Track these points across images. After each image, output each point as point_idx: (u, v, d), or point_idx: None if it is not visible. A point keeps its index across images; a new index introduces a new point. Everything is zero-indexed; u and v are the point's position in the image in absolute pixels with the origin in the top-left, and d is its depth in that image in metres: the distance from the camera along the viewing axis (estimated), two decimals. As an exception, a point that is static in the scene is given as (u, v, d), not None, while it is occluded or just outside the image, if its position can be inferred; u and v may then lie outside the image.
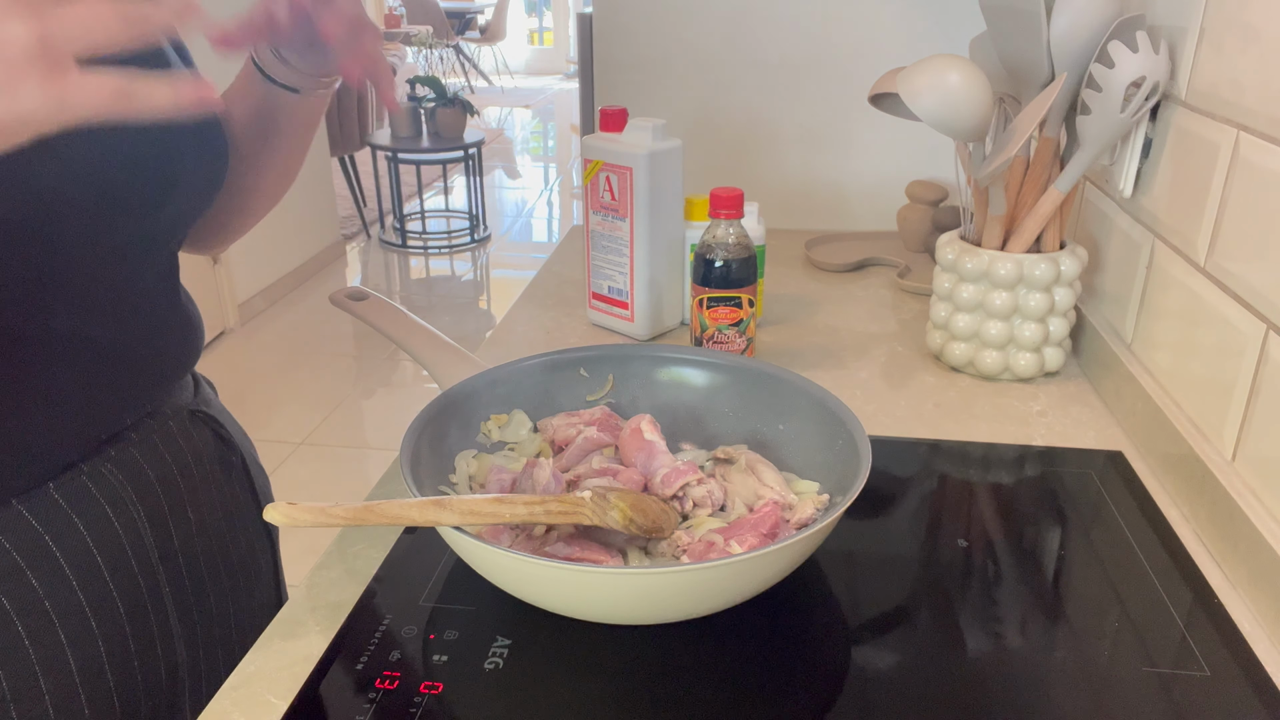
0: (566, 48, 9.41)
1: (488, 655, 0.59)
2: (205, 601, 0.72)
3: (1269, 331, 0.68)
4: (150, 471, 0.67)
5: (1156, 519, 0.74)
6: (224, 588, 0.75)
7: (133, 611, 0.65)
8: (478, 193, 4.56)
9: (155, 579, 0.67)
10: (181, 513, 0.70)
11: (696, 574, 0.56)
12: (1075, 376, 1.00)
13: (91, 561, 0.62)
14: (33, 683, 0.59)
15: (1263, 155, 0.70)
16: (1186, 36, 0.83)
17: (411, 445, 0.66)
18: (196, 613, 0.71)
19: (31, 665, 0.59)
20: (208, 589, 0.73)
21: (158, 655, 0.67)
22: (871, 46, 1.41)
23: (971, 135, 0.88)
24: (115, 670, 0.64)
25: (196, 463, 0.72)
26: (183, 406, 0.73)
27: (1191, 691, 0.57)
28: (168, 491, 0.68)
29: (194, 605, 0.71)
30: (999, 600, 0.65)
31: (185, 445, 0.71)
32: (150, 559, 0.66)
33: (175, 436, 0.70)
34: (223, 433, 0.77)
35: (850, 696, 0.57)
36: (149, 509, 0.66)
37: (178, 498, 0.69)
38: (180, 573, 0.70)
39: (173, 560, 0.69)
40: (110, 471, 0.64)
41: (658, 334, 1.09)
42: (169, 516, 0.68)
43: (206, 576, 0.73)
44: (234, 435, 0.79)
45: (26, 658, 0.59)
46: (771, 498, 0.69)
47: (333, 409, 2.97)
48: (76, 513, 0.62)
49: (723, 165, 1.51)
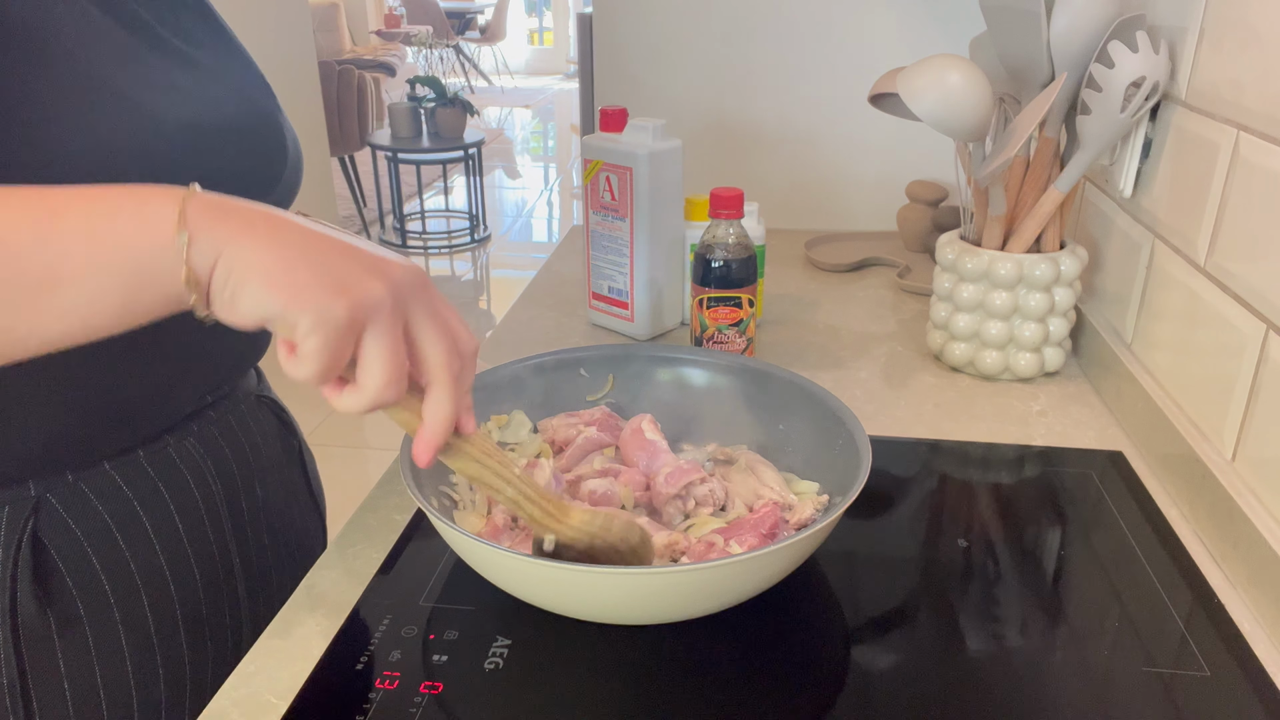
0: (566, 48, 9.41)
1: (488, 655, 0.59)
2: (268, 576, 0.76)
3: (1269, 331, 0.68)
4: (226, 448, 0.71)
5: (1156, 519, 0.74)
6: (284, 563, 0.78)
7: (207, 579, 0.69)
8: (478, 193, 4.56)
9: (228, 550, 0.70)
10: (251, 489, 0.73)
11: (696, 574, 0.56)
12: (1075, 376, 1.00)
13: (173, 528, 0.66)
14: (115, 643, 0.62)
15: (1263, 155, 0.70)
16: (1186, 36, 0.83)
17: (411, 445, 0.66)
18: (260, 585, 0.74)
19: (115, 624, 0.62)
20: (270, 564, 0.76)
21: (226, 624, 0.70)
22: (871, 46, 1.41)
23: (971, 135, 0.88)
24: (188, 634, 0.67)
25: (264, 443, 0.76)
26: (250, 391, 0.77)
27: (1191, 691, 0.57)
28: (240, 468, 0.72)
29: (258, 578, 0.74)
30: (999, 600, 0.65)
31: (255, 427, 0.75)
32: (224, 530, 0.70)
33: (246, 418, 0.74)
34: (285, 417, 0.82)
35: (850, 696, 0.57)
36: (224, 483, 0.70)
37: (248, 475, 0.73)
38: (249, 546, 0.73)
39: (243, 533, 0.72)
40: (193, 445, 0.68)
41: (658, 334, 1.09)
42: (241, 492, 0.72)
43: (270, 552, 0.76)
44: (293, 421, 0.84)
45: (111, 617, 0.62)
46: (771, 498, 0.69)
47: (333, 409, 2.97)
48: (163, 481, 0.65)
49: (723, 165, 1.51)
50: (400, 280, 0.44)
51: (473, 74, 8.72)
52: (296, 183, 0.71)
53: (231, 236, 0.41)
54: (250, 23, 3.08)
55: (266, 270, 0.41)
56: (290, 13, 3.36)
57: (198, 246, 0.40)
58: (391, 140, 4.31)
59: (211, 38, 0.66)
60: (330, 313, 0.41)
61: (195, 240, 0.40)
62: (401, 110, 4.29)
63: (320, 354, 0.42)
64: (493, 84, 8.89)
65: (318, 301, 0.41)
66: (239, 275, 0.41)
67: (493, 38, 8.68)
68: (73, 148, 0.52)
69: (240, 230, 0.41)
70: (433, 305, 0.46)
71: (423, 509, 0.60)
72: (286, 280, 0.41)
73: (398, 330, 0.44)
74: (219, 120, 0.61)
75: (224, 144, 0.61)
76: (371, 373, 0.44)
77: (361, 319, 0.42)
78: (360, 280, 0.42)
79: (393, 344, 0.44)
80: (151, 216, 0.41)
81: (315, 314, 0.41)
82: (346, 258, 0.43)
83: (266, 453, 0.76)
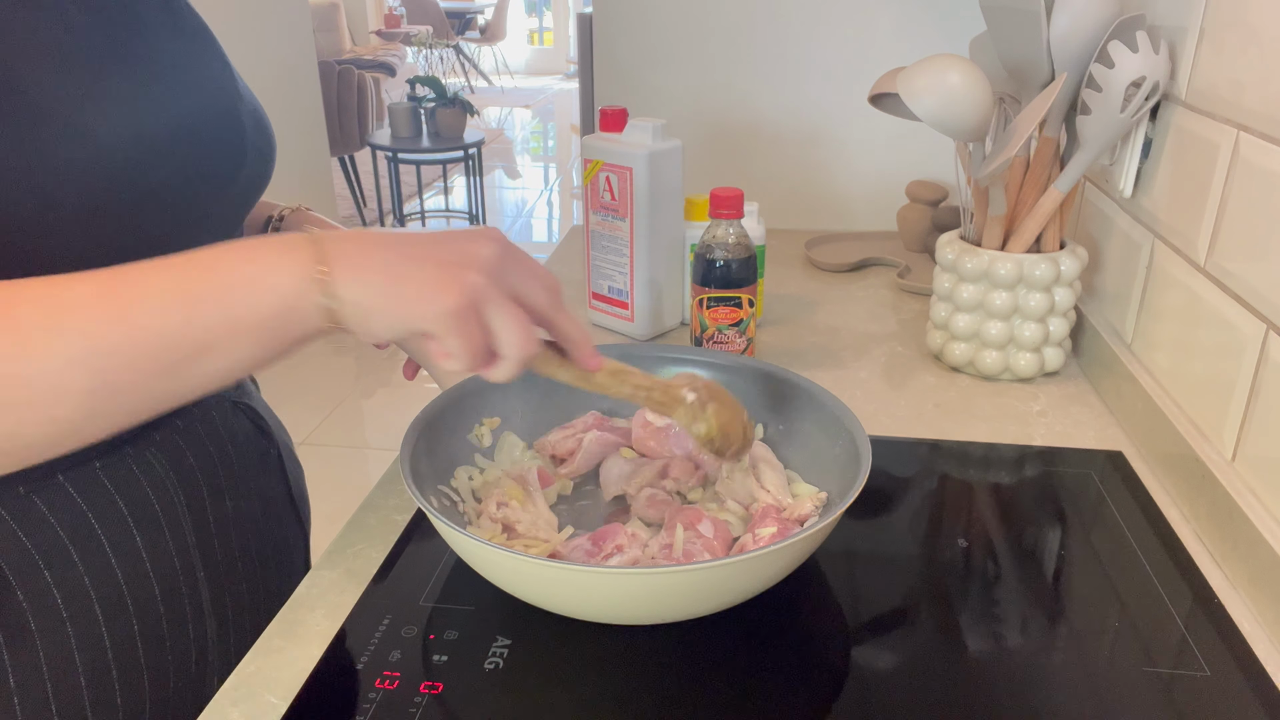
0: (566, 48, 9.41)
1: (488, 655, 0.59)
2: (238, 586, 0.74)
3: (1269, 331, 0.68)
4: (191, 458, 0.69)
5: (1156, 519, 0.74)
6: (256, 574, 0.76)
7: (167, 592, 0.67)
8: (478, 193, 4.56)
9: (190, 562, 0.69)
10: (219, 499, 0.71)
11: (696, 574, 0.56)
12: (1075, 376, 1.00)
13: (131, 542, 0.64)
14: (69, 657, 0.61)
15: (1263, 155, 0.70)
16: (1186, 36, 0.83)
17: (411, 445, 0.66)
18: (229, 596, 0.73)
19: (68, 640, 0.61)
20: (240, 574, 0.74)
21: (189, 635, 0.69)
22: (871, 46, 1.41)
23: (971, 135, 0.88)
24: (147, 648, 0.65)
25: (236, 452, 0.74)
26: (225, 397, 0.74)
27: (1191, 691, 0.57)
28: (207, 478, 0.70)
29: (226, 589, 0.73)
30: (999, 600, 0.65)
31: (226, 434, 0.73)
32: (186, 542, 0.68)
33: (217, 425, 0.72)
34: (261, 424, 0.79)
35: (850, 696, 0.57)
36: (188, 494, 0.68)
37: (216, 485, 0.71)
38: (215, 557, 0.71)
39: (208, 544, 0.70)
40: (154, 455, 0.66)
41: (658, 334, 1.09)
42: (207, 502, 0.70)
43: (240, 562, 0.74)
44: (272, 427, 0.81)
45: (64, 633, 0.61)
46: (767, 500, 0.69)
47: (333, 409, 2.97)
48: (119, 493, 0.63)
49: (723, 165, 1.51)
50: (488, 258, 0.51)
51: (473, 74, 8.72)
52: (265, 173, 0.69)
53: (346, 279, 0.48)
54: (250, 23, 3.08)
55: (381, 298, 0.49)
56: (290, 13, 3.36)
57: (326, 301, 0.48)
58: (391, 140, 4.32)
59: (168, 21, 0.63)
60: (447, 313, 0.49)
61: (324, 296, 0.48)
62: (401, 110, 4.29)
63: (461, 347, 0.50)
64: (493, 84, 8.89)
65: (435, 309, 0.49)
66: (364, 310, 0.48)
67: (493, 38, 8.69)
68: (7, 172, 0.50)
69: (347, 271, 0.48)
70: (518, 264, 0.53)
71: (423, 509, 0.60)
72: (397, 301, 0.49)
73: (507, 300, 0.51)
74: (166, 124, 0.59)
75: (171, 148, 0.59)
76: (508, 342, 0.51)
77: (475, 305, 0.49)
78: (458, 275, 0.49)
79: (511, 311, 0.51)
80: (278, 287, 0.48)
81: (437, 321, 0.49)
82: (439, 260, 0.50)
83: (240, 462, 0.74)
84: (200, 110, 0.63)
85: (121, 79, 0.57)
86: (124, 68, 0.58)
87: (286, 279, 0.48)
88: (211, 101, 0.64)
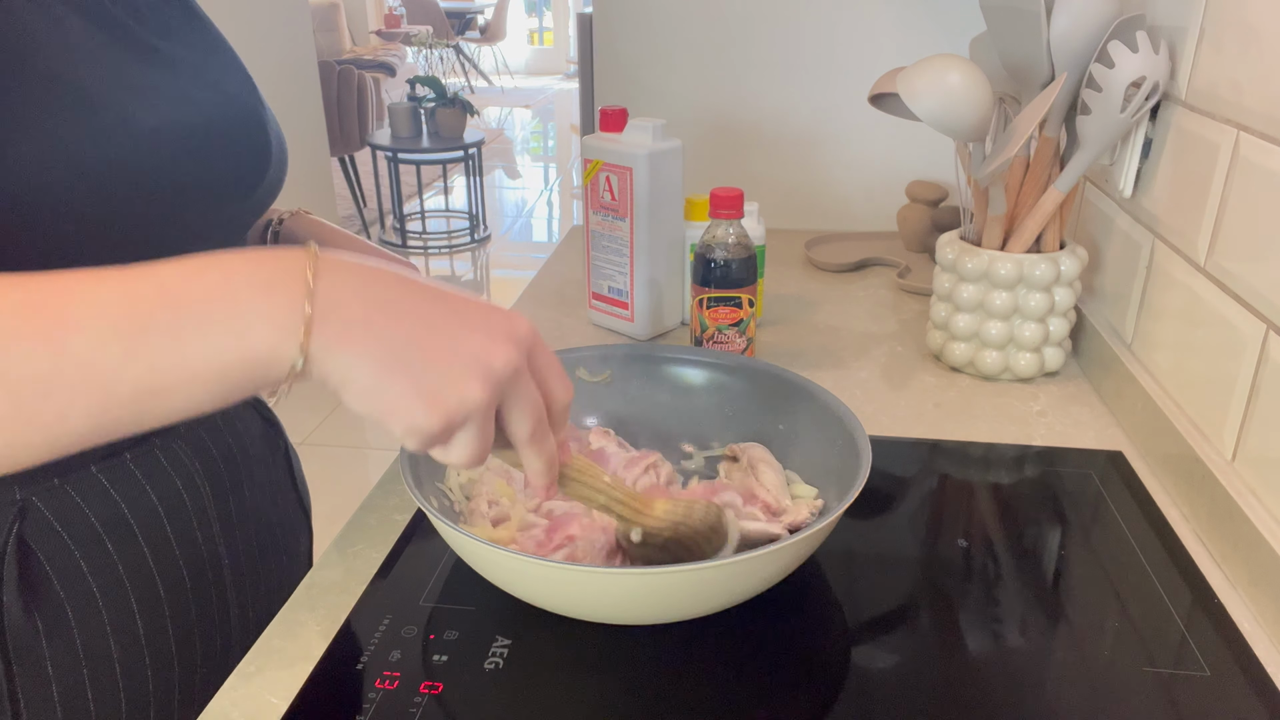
0: (566, 48, 9.41)
1: (488, 655, 0.59)
2: (257, 576, 0.75)
3: (1269, 331, 0.68)
4: (214, 450, 0.70)
5: (1156, 519, 0.74)
6: (271, 565, 0.78)
7: (195, 581, 0.68)
8: (478, 193, 4.56)
9: (216, 551, 0.70)
10: (239, 490, 0.73)
11: (696, 574, 0.56)
12: (1075, 376, 1.00)
13: (161, 531, 0.65)
14: (104, 645, 0.62)
15: (1263, 155, 0.70)
16: (1186, 36, 0.83)
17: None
18: (250, 586, 0.74)
19: (104, 627, 0.62)
20: (258, 565, 0.76)
21: (215, 624, 0.70)
22: (871, 46, 1.41)
23: (971, 135, 0.88)
24: (177, 636, 0.67)
25: (250, 444, 0.76)
26: None
27: (1191, 691, 0.57)
28: (228, 469, 0.72)
29: (248, 579, 0.74)
30: (999, 600, 0.65)
31: (241, 427, 0.75)
32: (213, 531, 0.70)
33: (233, 419, 0.74)
34: (269, 417, 0.81)
35: (850, 696, 0.57)
36: (213, 485, 0.70)
37: (235, 475, 0.73)
38: (237, 547, 0.72)
39: (231, 534, 0.72)
40: (180, 447, 0.67)
41: (658, 334, 1.09)
42: (229, 493, 0.72)
43: (258, 552, 0.76)
44: (278, 420, 0.83)
45: (99, 619, 0.62)
46: (765, 499, 0.69)
47: (333, 409, 2.97)
48: (150, 484, 0.65)
49: (723, 165, 1.51)
50: (501, 369, 0.44)
51: (473, 74, 8.72)
52: (281, 179, 0.70)
53: (332, 345, 0.40)
54: (250, 23, 3.08)
55: (363, 386, 0.41)
56: (290, 13, 3.36)
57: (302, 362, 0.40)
58: (391, 140, 4.32)
59: (192, 33, 0.65)
60: (421, 433, 0.43)
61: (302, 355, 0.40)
62: (401, 110, 4.29)
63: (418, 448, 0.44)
64: (493, 84, 8.88)
65: (412, 424, 0.42)
66: (341, 383, 0.41)
67: (493, 38, 8.69)
68: (41, 160, 0.51)
69: (337, 337, 0.41)
70: (539, 366, 0.47)
71: (423, 509, 0.60)
72: (379, 397, 0.42)
73: (490, 422, 0.45)
74: (197, 120, 0.60)
75: (203, 145, 0.60)
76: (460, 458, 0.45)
77: (456, 428, 0.43)
78: (457, 387, 0.42)
79: (484, 434, 0.45)
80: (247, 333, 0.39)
81: (408, 435, 0.43)
82: (449, 356, 0.43)
83: (253, 453, 0.76)
84: (231, 114, 0.64)
85: (155, 73, 0.59)
86: (156, 63, 0.60)
87: (261, 326, 0.39)
88: (240, 107, 0.66)
